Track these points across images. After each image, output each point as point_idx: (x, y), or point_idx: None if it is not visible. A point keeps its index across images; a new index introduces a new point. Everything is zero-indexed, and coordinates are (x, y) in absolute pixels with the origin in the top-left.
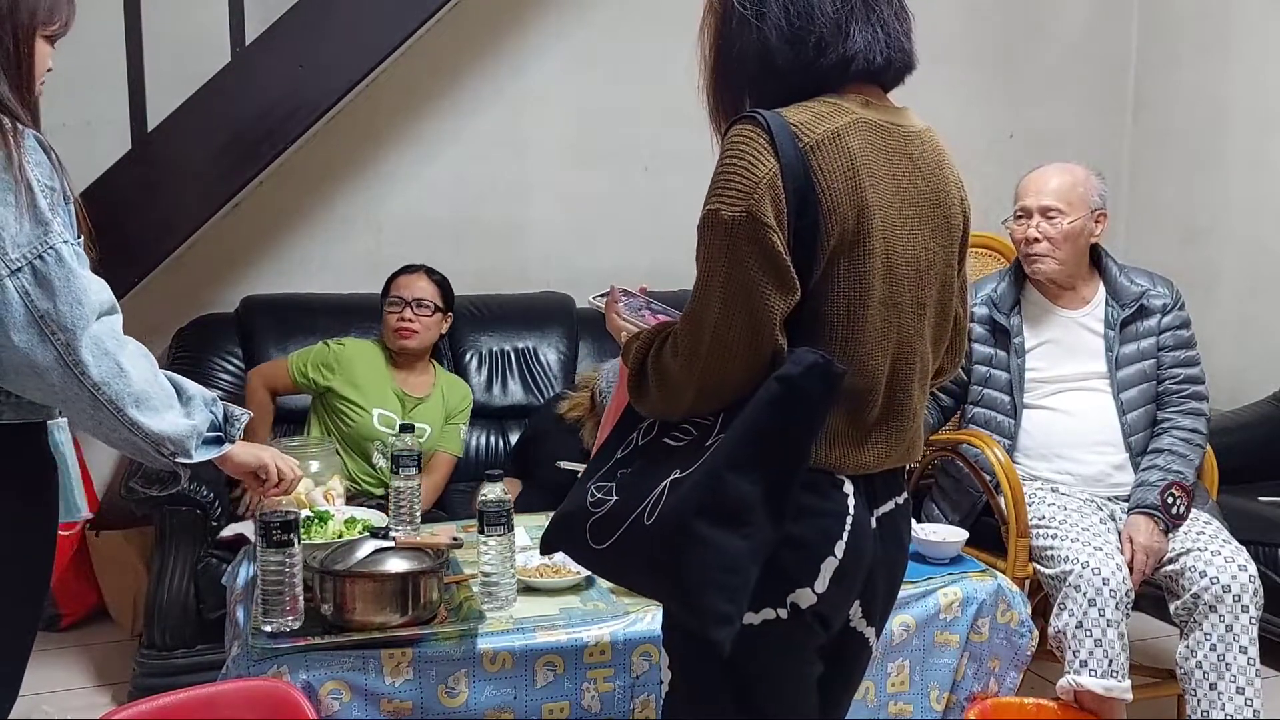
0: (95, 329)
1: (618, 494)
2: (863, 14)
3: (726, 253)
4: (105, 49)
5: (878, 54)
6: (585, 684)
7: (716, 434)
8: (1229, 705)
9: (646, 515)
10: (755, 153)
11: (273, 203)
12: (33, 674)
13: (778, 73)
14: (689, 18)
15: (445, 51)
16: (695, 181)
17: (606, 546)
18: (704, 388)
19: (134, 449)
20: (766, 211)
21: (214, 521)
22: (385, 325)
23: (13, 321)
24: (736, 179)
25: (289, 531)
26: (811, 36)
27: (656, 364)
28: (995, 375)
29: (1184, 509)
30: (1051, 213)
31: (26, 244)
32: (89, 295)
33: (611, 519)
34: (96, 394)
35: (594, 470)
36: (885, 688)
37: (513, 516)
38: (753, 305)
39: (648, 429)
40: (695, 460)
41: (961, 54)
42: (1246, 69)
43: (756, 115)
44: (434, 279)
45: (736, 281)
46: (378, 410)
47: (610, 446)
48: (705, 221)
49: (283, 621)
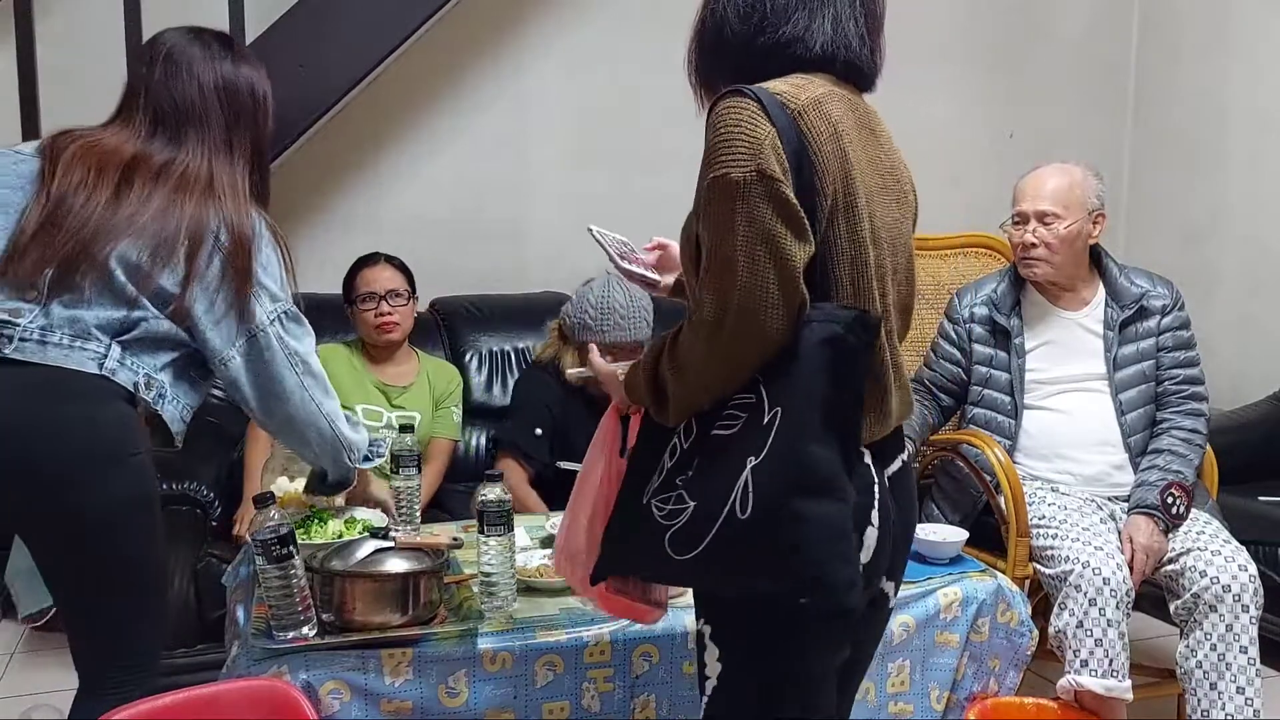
0: (315, 363)
1: (694, 499)
2: (815, 5)
3: (743, 212)
4: (105, 49)
5: (816, 43)
6: (585, 684)
7: (771, 410)
8: (1229, 705)
9: (740, 510)
10: (751, 118)
11: (273, 202)
12: (33, 674)
13: (727, 46)
14: (688, 18)
15: (445, 51)
16: (695, 181)
17: (697, 553)
18: (732, 355)
19: (332, 454)
20: (774, 167)
21: (213, 521)
22: (362, 323)
23: (273, 357)
24: (739, 142)
25: (288, 545)
26: (756, 15)
27: (673, 362)
28: (995, 376)
29: (1184, 509)
30: (1048, 217)
31: (284, 297)
32: (310, 337)
33: (696, 525)
34: (321, 409)
35: (638, 486)
36: (885, 688)
37: (513, 516)
38: (778, 255)
39: (687, 430)
40: (765, 442)
41: (961, 54)
42: (1246, 69)
43: (742, 89)
44: (396, 265)
45: (758, 235)
46: (360, 406)
47: (644, 458)
48: (713, 186)
49: (298, 632)
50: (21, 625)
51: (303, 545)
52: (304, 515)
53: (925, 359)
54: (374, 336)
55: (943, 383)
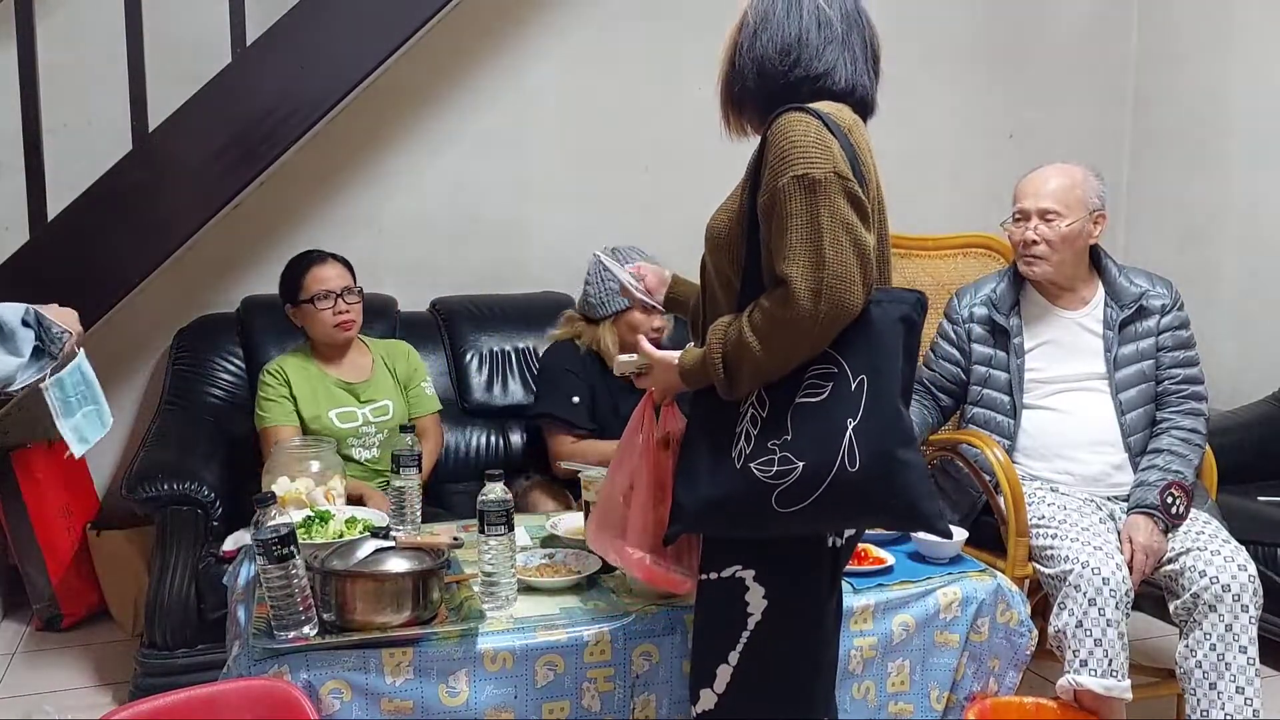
0: None
1: (801, 459)
2: (840, 44)
3: (826, 205)
4: (106, 49)
5: (842, 78)
6: (585, 684)
7: (856, 378)
8: (1229, 705)
9: (849, 463)
10: (818, 130)
11: (273, 203)
12: (33, 674)
13: (764, 78)
14: (688, 18)
15: (445, 51)
16: (695, 181)
17: (806, 504)
18: (826, 330)
19: None
20: (846, 169)
21: (214, 521)
22: (319, 323)
23: None
24: (814, 148)
25: (288, 545)
26: (794, 53)
27: (754, 329)
28: (995, 375)
29: (1183, 509)
30: (1049, 215)
31: None
32: None
33: (808, 481)
34: None
35: (719, 456)
36: (885, 688)
37: (513, 516)
38: (857, 241)
39: (759, 401)
40: (858, 405)
41: (961, 54)
42: (1246, 69)
43: (803, 107)
44: (343, 262)
45: (840, 225)
46: (333, 412)
47: (711, 433)
48: (795, 183)
49: (299, 632)
50: (23, 625)
51: (303, 545)
52: (305, 515)
53: (925, 359)
54: (333, 336)
55: (942, 383)
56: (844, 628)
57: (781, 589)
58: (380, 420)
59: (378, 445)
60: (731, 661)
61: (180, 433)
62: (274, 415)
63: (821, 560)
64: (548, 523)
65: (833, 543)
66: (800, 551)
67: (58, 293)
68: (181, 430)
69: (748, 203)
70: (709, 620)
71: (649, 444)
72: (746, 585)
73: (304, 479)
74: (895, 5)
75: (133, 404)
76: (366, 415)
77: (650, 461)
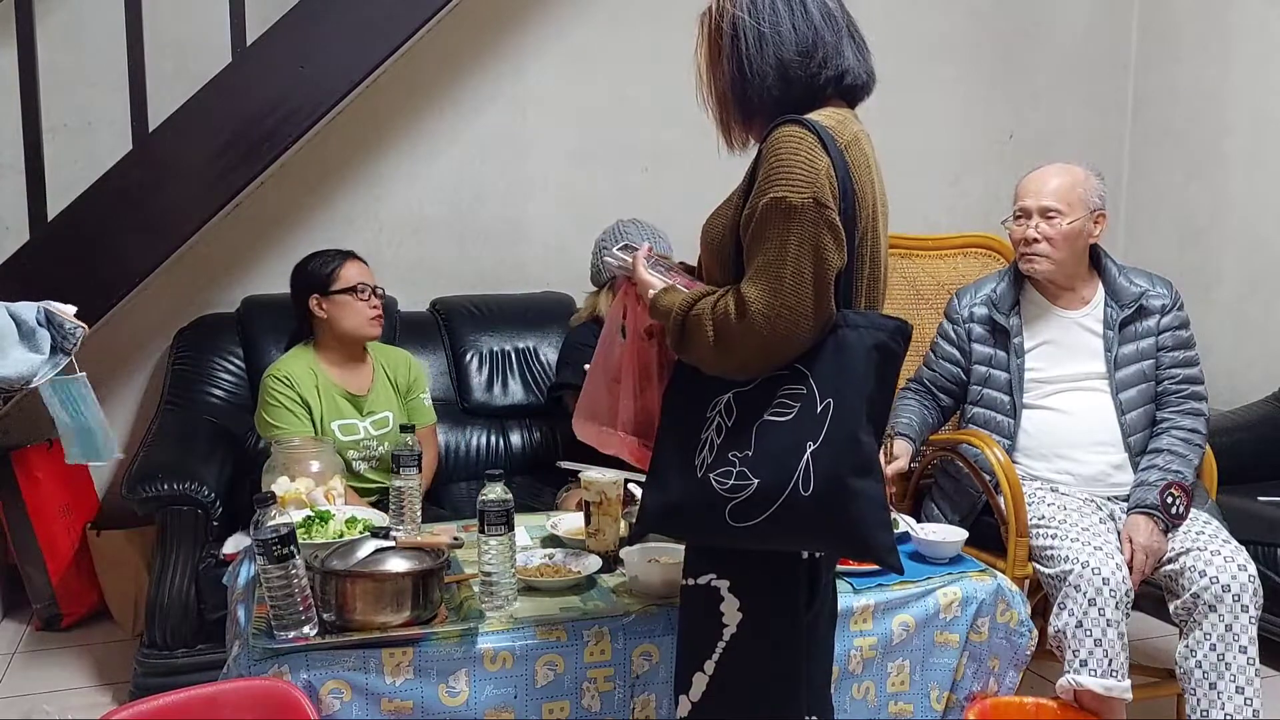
0: None
1: (757, 476)
2: (848, 38)
3: (796, 232)
4: (106, 49)
5: (862, 71)
6: (585, 684)
7: (823, 401)
8: (1228, 705)
9: (802, 487)
10: (810, 149)
11: (273, 203)
12: (33, 674)
13: (790, 83)
14: (688, 18)
15: (445, 51)
16: (694, 181)
17: (757, 521)
18: (770, 353)
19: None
20: (827, 197)
21: (214, 522)
22: (353, 314)
23: None
24: (799, 170)
25: (288, 544)
26: (819, 52)
27: (714, 318)
28: (995, 375)
29: (1183, 509)
30: (1051, 213)
31: None
32: None
33: (760, 498)
34: None
35: (685, 458)
36: (885, 688)
37: (513, 516)
38: (819, 275)
39: (727, 409)
40: (819, 429)
41: (961, 54)
42: (1246, 69)
43: (801, 119)
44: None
45: (807, 255)
46: (336, 424)
47: (681, 428)
48: (772, 206)
49: (299, 631)
50: (23, 625)
51: (303, 545)
52: (305, 515)
53: (925, 359)
54: (366, 330)
55: (942, 382)
56: (844, 628)
57: (756, 602)
58: (380, 433)
59: (377, 458)
60: (707, 671)
61: (180, 433)
62: (291, 426)
63: (797, 573)
64: (548, 523)
65: (808, 555)
66: (775, 563)
67: (58, 293)
68: (181, 430)
69: (741, 210)
70: (687, 627)
71: (633, 334)
72: (721, 595)
73: (304, 479)
74: (897, 5)
75: (133, 404)
76: (368, 428)
77: (634, 349)
